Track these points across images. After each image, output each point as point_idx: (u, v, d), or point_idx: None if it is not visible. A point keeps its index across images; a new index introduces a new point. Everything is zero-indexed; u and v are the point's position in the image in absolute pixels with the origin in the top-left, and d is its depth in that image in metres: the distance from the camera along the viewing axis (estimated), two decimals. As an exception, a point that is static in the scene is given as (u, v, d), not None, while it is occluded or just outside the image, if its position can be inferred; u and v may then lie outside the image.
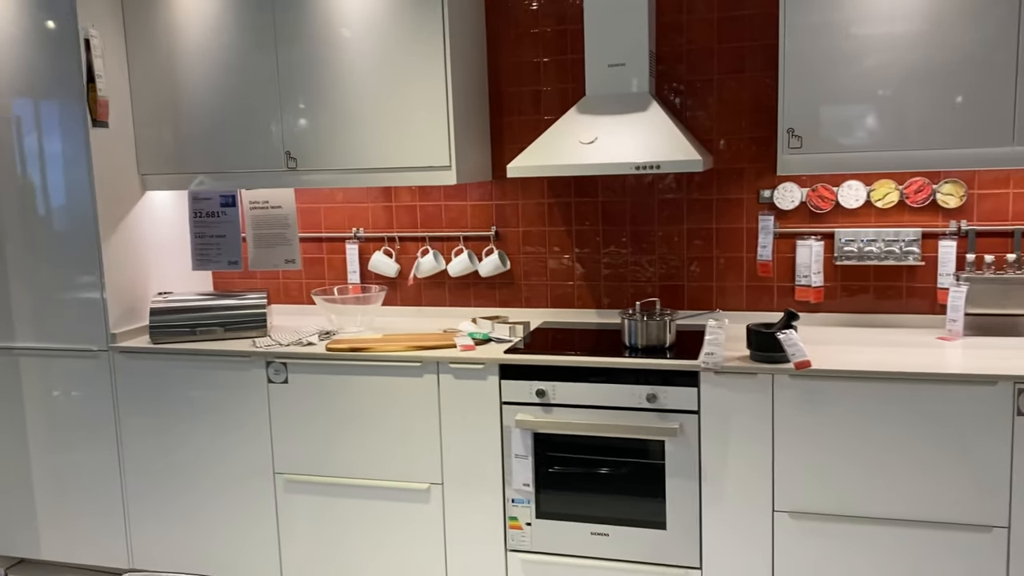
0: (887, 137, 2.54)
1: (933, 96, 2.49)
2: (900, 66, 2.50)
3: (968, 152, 2.50)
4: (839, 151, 2.59)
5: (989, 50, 2.43)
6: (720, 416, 2.55)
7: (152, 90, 3.16)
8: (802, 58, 2.58)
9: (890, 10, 2.49)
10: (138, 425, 3.13)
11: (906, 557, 2.45)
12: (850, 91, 2.55)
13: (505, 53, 3.20)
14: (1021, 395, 2.31)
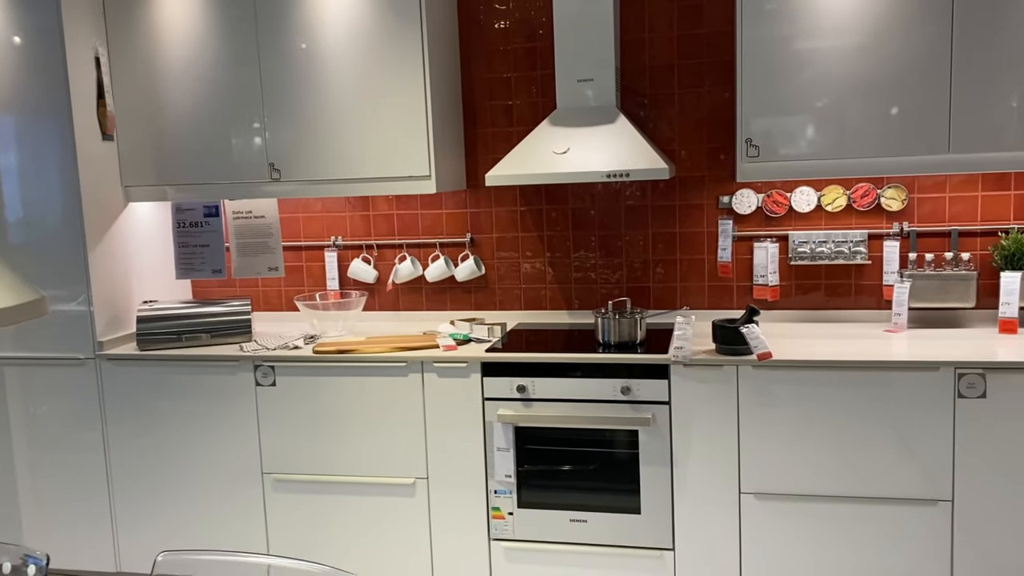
0: (835, 146, 2.77)
1: (876, 107, 2.73)
2: (845, 78, 2.74)
3: (908, 159, 2.74)
4: (792, 160, 2.81)
5: (927, 63, 2.67)
6: (689, 406, 2.74)
7: (135, 104, 3.25)
8: (758, 72, 2.80)
9: (837, 24, 2.72)
10: (125, 431, 3.20)
11: (862, 531, 2.66)
12: (802, 103, 2.78)
13: (478, 69, 3.37)
14: (961, 379, 2.55)
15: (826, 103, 2.76)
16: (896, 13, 2.67)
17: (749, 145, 2.83)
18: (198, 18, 3.16)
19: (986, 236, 3.03)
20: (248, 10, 3.11)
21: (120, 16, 3.22)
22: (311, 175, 3.17)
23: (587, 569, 2.89)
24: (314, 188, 3.18)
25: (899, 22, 2.67)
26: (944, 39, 2.65)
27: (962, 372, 2.54)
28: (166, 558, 1.69)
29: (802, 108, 2.78)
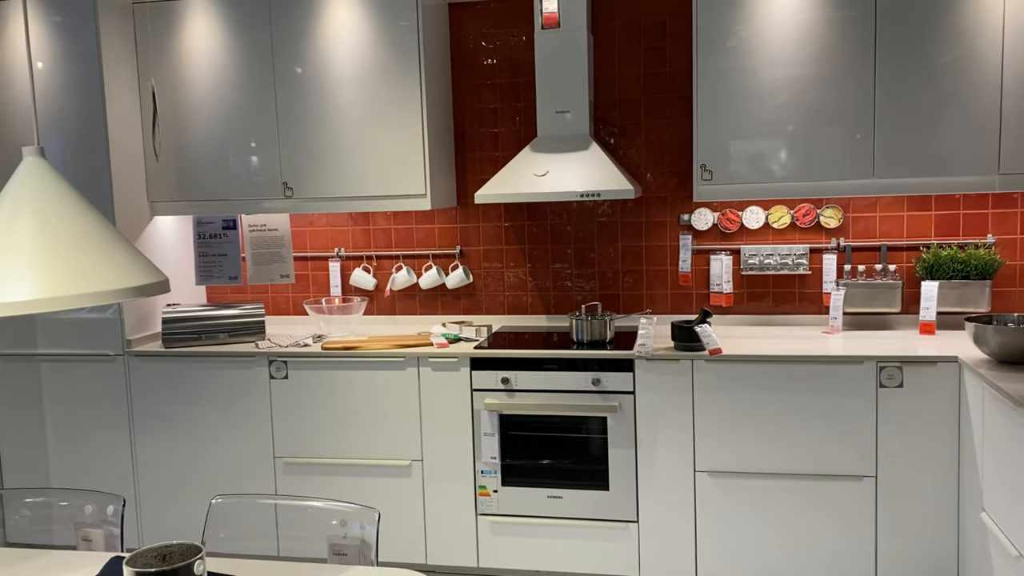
0: (778, 171, 3.22)
1: (813, 137, 3.18)
2: (787, 113, 3.19)
3: (841, 183, 3.19)
4: (741, 183, 3.26)
5: (855, 100, 3.13)
6: (651, 395, 3.16)
7: (161, 127, 3.65)
8: (711, 105, 3.24)
9: (780, 65, 3.17)
10: (150, 421, 3.57)
11: (799, 503, 3.09)
12: (749, 134, 3.22)
13: (468, 100, 3.80)
14: (882, 371, 2.98)
15: (770, 134, 3.21)
16: (829, 55, 3.13)
17: (704, 170, 3.27)
18: (219, 47, 3.57)
19: (910, 250, 3.48)
20: (265, 41, 3.53)
21: (149, 45, 3.62)
22: (320, 193, 3.58)
23: (562, 540, 3.29)
24: (323, 204, 3.58)
25: (831, 63, 3.13)
26: (868, 79, 3.11)
27: (883, 365, 2.98)
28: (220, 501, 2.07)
29: (749, 137, 3.22)
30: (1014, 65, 3.00)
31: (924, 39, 3.05)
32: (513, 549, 3.34)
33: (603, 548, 3.26)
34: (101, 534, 2.06)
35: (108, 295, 1.33)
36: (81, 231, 1.35)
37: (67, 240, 1.33)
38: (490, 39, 3.76)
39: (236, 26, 3.54)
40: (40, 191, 1.35)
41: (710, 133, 3.26)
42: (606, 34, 3.65)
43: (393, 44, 3.43)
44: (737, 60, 3.20)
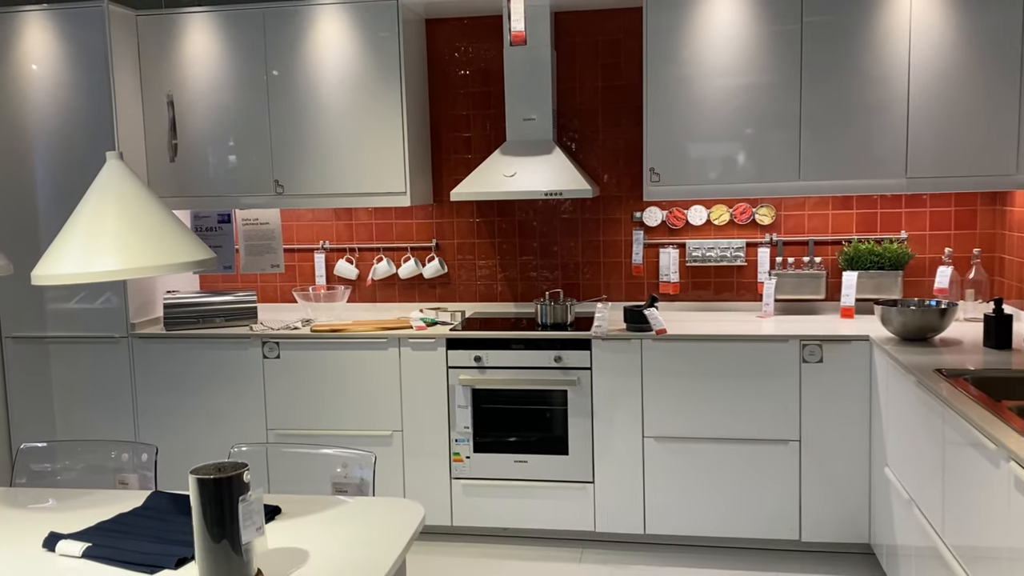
0: (717, 174, 3.66)
1: (747, 144, 3.62)
2: (723, 123, 3.63)
3: (772, 185, 3.64)
4: (684, 184, 3.69)
5: (783, 109, 3.58)
6: (606, 370, 3.58)
7: (162, 128, 4.00)
8: (658, 115, 3.67)
9: (719, 78, 3.61)
10: (152, 399, 3.92)
11: (734, 464, 3.53)
12: (692, 140, 3.66)
13: (443, 107, 4.20)
14: (804, 348, 3.44)
15: (711, 140, 3.65)
16: (762, 68, 3.57)
17: (652, 172, 3.71)
18: (216, 56, 3.93)
19: (834, 244, 3.95)
20: (259, 50, 3.89)
21: (152, 54, 3.97)
22: (308, 190, 3.95)
23: (528, 499, 3.70)
24: (311, 200, 3.96)
25: (765, 75, 3.58)
26: (796, 90, 3.56)
27: (805, 343, 3.44)
28: (239, 450, 2.45)
29: (692, 144, 3.66)
30: (919, 81, 3.47)
31: (843, 54, 3.51)
32: (484, 509, 3.74)
33: (563, 506, 3.68)
34: (136, 478, 2.43)
35: (175, 267, 1.71)
36: (152, 218, 1.73)
37: (142, 224, 1.71)
38: (464, 52, 4.16)
39: (232, 37, 3.90)
40: (120, 186, 1.73)
41: (658, 140, 3.69)
42: (568, 50, 4.07)
43: (376, 55, 3.82)
44: (682, 73, 3.64)
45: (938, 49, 3.45)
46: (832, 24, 3.50)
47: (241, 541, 1.67)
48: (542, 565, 3.56)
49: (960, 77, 3.44)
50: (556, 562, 3.59)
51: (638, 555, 3.62)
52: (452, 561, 3.63)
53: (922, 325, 3.19)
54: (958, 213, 3.85)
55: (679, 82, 3.65)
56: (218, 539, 1.66)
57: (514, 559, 3.62)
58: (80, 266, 1.66)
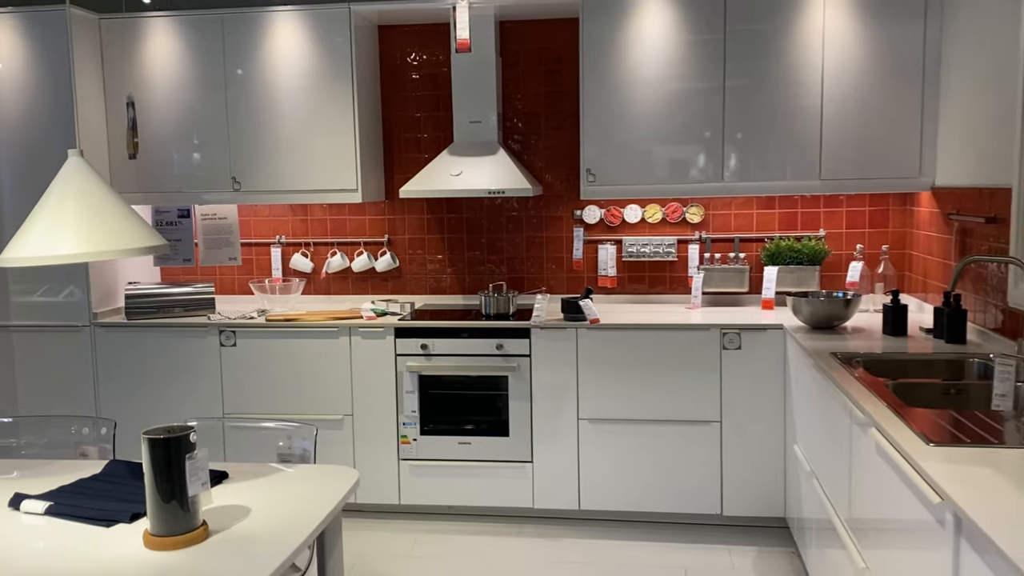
0: (648, 175, 3.93)
1: (675, 147, 3.89)
2: (652, 127, 3.89)
3: (698, 186, 3.91)
4: (618, 184, 3.95)
5: (708, 114, 3.85)
6: (544, 357, 3.83)
7: (124, 124, 4.18)
8: (593, 119, 3.93)
9: (648, 85, 3.88)
10: (112, 385, 4.10)
11: (661, 443, 3.80)
12: (625, 143, 3.92)
13: (395, 109, 4.43)
14: (725, 336, 3.71)
15: (642, 143, 3.91)
16: (689, 75, 3.85)
17: (588, 173, 3.97)
18: (176, 57, 4.12)
19: (758, 241, 4.24)
20: (217, 52, 4.09)
21: (113, 51, 4.16)
22: (265, 186, 4.16)
23: (471, 478, 3.94)
24: (267, 196, 4.17)
25: (691, 82, 3.85)
26: (719, 96, 3.84)
27: (725, 331, 3.71)
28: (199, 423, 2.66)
29: (624, 146, 3.92)
30: (831, 89, 3.76)
31: (763, 62, 3.80)
32: (429, 488, 3.98)
33: (504, 484, 3.92)
34: (96, 450, 2.64)
35: (129, 252, 1.93)
36: (109, 208, 1.94)
37: (99, 214, 1.92)
38: (414, 57, 4.39)
39: (192, 40, 4.10)
40: (80, 181, 1.94)
41: (593, 142, 3.95)
42: (512, 57, 4.32)
43: (329, 58, 4.03)
44: (615, 79, 3.90)
45: (848, 60, 3.74)
46: (752, 33, 3.78)
47: (188, 495, 1.89)
48: (483, 539, 3.80)
49: (868, 86, 3.74)
50: (497, 536, 3.83)
51: (572, 529, 3.88)
52: (399, 537, 3.86)
53: (828, 314, 3.48)
54: (872, 213, 4.16)
55: (613, 88, 3.91)
56: (166, 493, 1.88)
57: (457, 534, 3.86)
58: (43, 250, 1.88)
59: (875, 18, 3.71)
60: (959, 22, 3.47)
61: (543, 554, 3.65)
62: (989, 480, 1.72)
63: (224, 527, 1.98)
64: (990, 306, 3.13)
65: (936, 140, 3.72)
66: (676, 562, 3.54)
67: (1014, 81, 2.92)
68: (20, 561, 1.84)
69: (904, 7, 3.69)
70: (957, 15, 3.49)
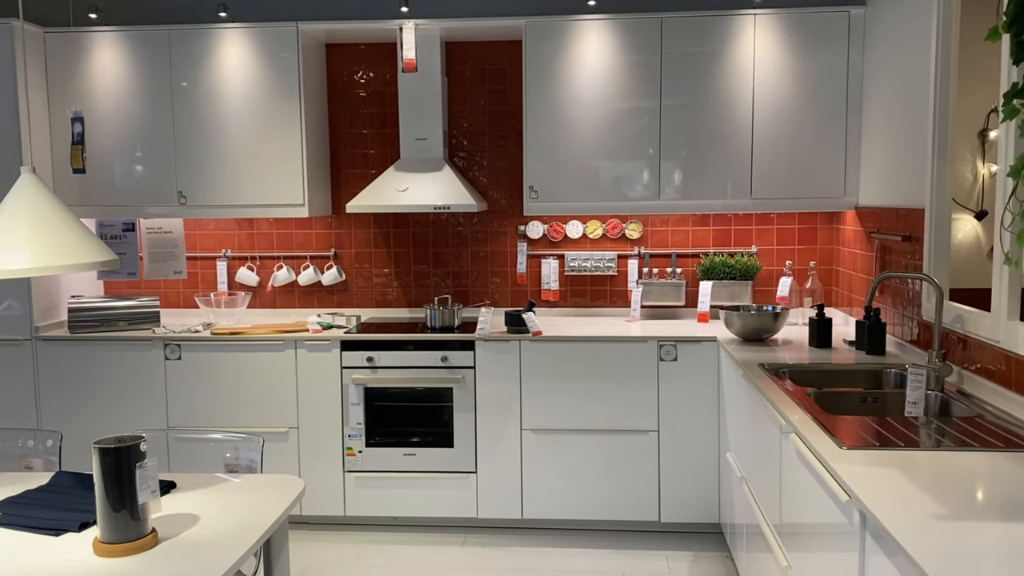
0: (589, 192, 4.07)
1: (614, 166, 4.04)
2: (592, 147, 4.04)
3: (636, 203, 4.06)
4: (561, 200, 4.09)
5: (644, 134, 4.01)
6: (488, 369, 3.93)
7: (66, 137, 4.18)
8: (535, 138, 4.06)
9: (586, 108, 4.03)
10: (55, 399, 4.08)
11: (601, 452, 3.92)
12: (564, 162, 4.06)
13: (342, 125, 4.50)
14: (662, 348, 3.86)
15: (582, 161, 4.05)
16: (627, 96, 4.00)
17: (531, 190, 4.09)
18: (122, 71, 4.13)
19: (693, 257, 4.41)
20: (164, 67, 4.12)
21: (59, 64, 4.15)
22: (211, 201, 4.19)
23: (416, 489, 4.01)
24: (213, 211, 4.20)
25: (630, 103, 4.01)
26: (656, 117, 4.00)
27: (662, 343, 3.86)
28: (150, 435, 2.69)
29: (565, 164, 4.06)
30: (761, 113, 3.96)
31: (697, 84, 3.97)
32: (374, 499, 4.04)
33: (449, 495, 4.00)
34: (41, 463, 2.65)
35: (80, 267, 1.98)
36: (61, 223, 1.99)
37: (51, 228, 1.97)
38: (361, 75, 4.47)
39: (138, 55, 4.12)
40: (33, 197, 1.98)
41: (536, 160, 4.08)
42: (458, 76, 4.43)
43: (277, 74, 4.09)
44: (557, 99, 4.04)
45: (777, 85, 3.94)
46: (687, 56, 3.96)
47: (138, 502, 1.94)
48: (427, 548, 3.87)
49: (796, 110, 3.94)
50: (441, 546, 3.90)
51: (516, 538, 3.97)
52: (344, 548, 3.91)
53: (758, 327, 3.65)
54: (801, 230, 4.36)
55: (555, 107, 4.05)
56: (117, 501, 1.93)
57: (402, 544, 3.93)
58: (-5, 265, 1.92)
59: (802, 45, 3.91)
60: (878, 53, 3.69)
61: (487, 563, 3.73)
62: (895, 480, 1.87)
63: (173, 534, 2.04)
64: (907, 319, 3.33)
65: (859, 162, 3.93)
66: (615, 568, 3.66)
67: (925, 110, 3.13)
68: (-32, 571, 1.87)
69: (829, 35, 3.90)
70: (876, 46, 3.72)
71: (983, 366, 2.64)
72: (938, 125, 3.03)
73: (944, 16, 2.99)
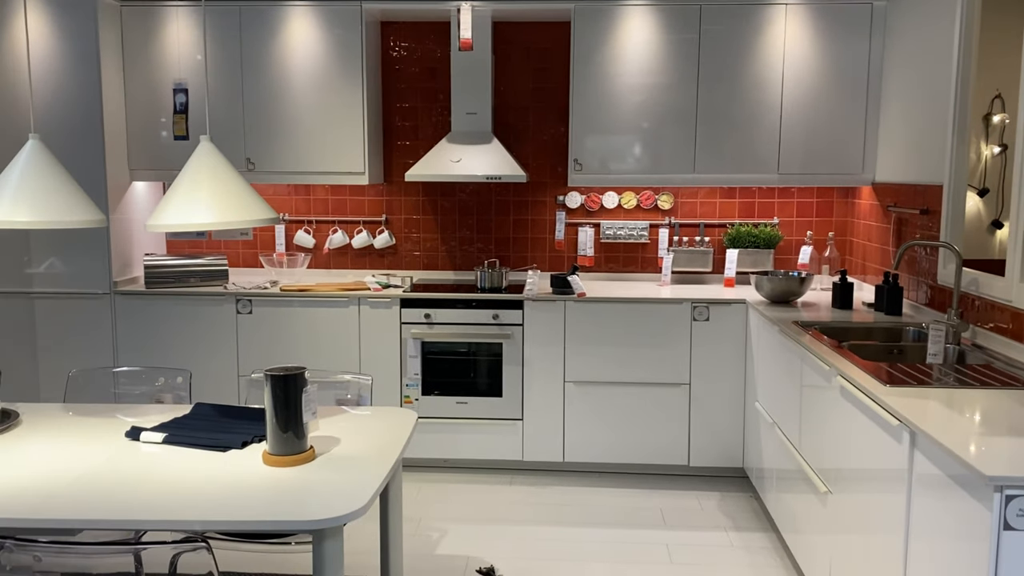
0: (627, 167, 4.43)
1: (651, 143, 4.40)
2: (632, 125, 4.40)
3: (672, 176, 4.43)
4: (602, 173, 4.45)
5: (682, 113, 4.37)
6: (535, 327, 4.31)
7: (143, 108, 4.47)
8: (581, 116, 4.41)
9: (630, 87, 4.38)
10: (132, 351, 4.40)
11: (637, 404, 4.32)
12: (607, 139, 4.41)
13: (395, 99, 4.81)
14: (695, 309, 4.25)
15: (621, 140, 4.41)
16: (669, 72, 4.36)
17: (576, 163, 4.45)
18: (195, 47, 4.42)
19: (720, 227, 4.80)
20: (235, 45, 4.41)
21: (134, 43, 4.43)
22: (278, 168, 4.50)
23: (467, 435, 4.40)
24: (279, 176, 4.51)
25: (670, 79, 4.37)
26: (693, 92, 4.36)
27: (695, 305, 4.25)
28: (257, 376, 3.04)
29: (609, 139, 4.42)
30: (790, 93, 4.33)
31: (730, 67, 4.34)
32: (430, 443, 4.42)
33: (497, 439, 4.39)
34: (171, 397, 2.99)
35: (250, 222, 2.32)
36: (235, 185, 2.33)
37: (228, 190, 2.31)
38: (412, 51, 4.78)
39: (210, 28, 4.41)
40: (211, 163, 2.32)
41: (581, 135, 4.43)
42: (504, 55, 4.76)
43: (340, 49, 4.40)
44: (601, 79, 4.38)
45: (805, 68, 4.31)
46: (723, 41, 4.31)
47: (303, 421, 2.30)
48: (479, 487, 4.27)
49: (821, 91, 4.32)
50: (491, 485, 4.30)
51: (558, 478, 4.38)
52: (405, 485, 4.29)
53: (786, 290, 4.05)
54: (819, 204, 4.76)
55: (599, 86, 4.39)
56: (283, 421, 2.29)
57: (456, 483, 4.32)
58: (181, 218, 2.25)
59: (828, 33, 4.28)
60: (899, 41, 4.07)
61: (533, 499, 4.13)
62: (932, 409, 2.28)
63: (325, 451, 2.40)
64: (921, 284, 3.74)
65: (877, 141, 4.33)
66: (650, 504, 4.08)
67: (946, 94, 3.52)
68: (160, 481, 2.22)
69: (853, 25, 4.27)
70: (898, 34, 4.09)
71: (996, 324, 3.05)
72: (958, 109, 3.42)
73: (968, 10, 3.37)
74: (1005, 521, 1.76)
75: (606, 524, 3.85)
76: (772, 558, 3.53)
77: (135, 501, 2.06)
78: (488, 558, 3.52)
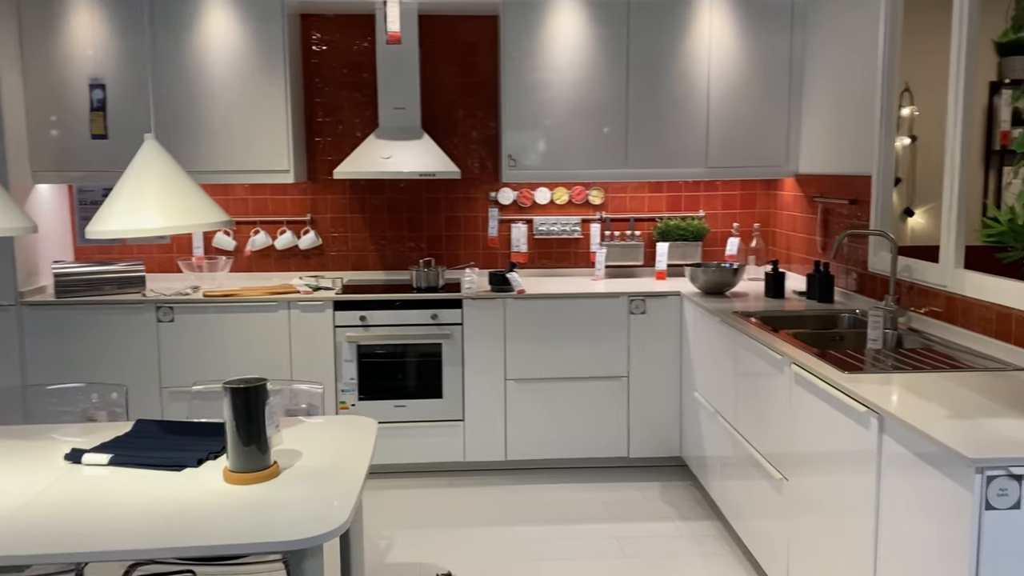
0: (558, 161, 4.42)
1: (584, 137, 4.40)
2: (564, 121, 4.39)
3: (603, 171, 4.44)
4: (535, 169, 4.42)
5: (613, 106, 4.39)
6: (475, 325, 4.25)
7: (44, 103, 4.16)
8: (512, 109, 4.37)
9: (562, 81, 4.36)
10: (42, 364, 4.10)
11: (577, 398, 4.32)
12: (539, 134, 4.39)
13: (317, 94, 4.65)
14: (631, 303, 4.28)
15: (554, 136, 4.39)
16: (597, 69, 4.37)
17: (509, 158, 4.40)
18: (101, 37, 4.15)
19: (650, 221, 4.85)
20: (146, 35, 4.16)
21: (35, 37, 4.12)
22: (195, 167, 4.28)
23: (407, 438, 4.30)
24: (199, 177, 4.29)
25: (599, 75, 4.37)
26: (623, 88, 4.38)
27: (632, 298, 4.28)
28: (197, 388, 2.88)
29: (539, 136, 4.39)
30: (716, 88, 4.41)
31: (658, 62, 4.38)
32: (367, 449, 4.29)
33: (438, 441, 4.31)
34: (105, 415, 2.79)
35: (202, 226, 2.18)
36: (185, 187, 2.18)
37: (176, 192, 2.16)
38: (334, 44, 4.63)
39: (120, 19, 4.14)
40: (158, 162, 2.16)
41: (513, 130, 4.38)
42: (430, 49, 4.66)
43: (260, 41, 4.21)
44: (531, 74, 4.35)
45: (730, 62, 4.39)
46: (651, 35, 4.35)
47: (266, 435, 2.18)
48: (422, 491, 4.18)
49: (745, 87, 4.41)
50: (431, 488, 4.22)
51: (500, 477, 4.34)
52: (342, 494, 4.15)
53: (720, 282, 4.13)
54: (743, 196, 4.87)
55: (529, 81, 4.36)
56: (246, 435, 2.16)
57: (398, 488, 4.22)
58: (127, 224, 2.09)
59: (751, 28, 4.38)
60: (820, 33, 4.20)
61: (477, 500, 4.08)
62: (895, 393, 2.34)
63: (288, 465, 2.28)
64: (851, 272, 3.87)
65: (800, 134, 4.45)
66: (594, 498, 4.08)
67: (871, 87, 3.65)
68: (111, 505, 2.05)
69: (774, 20, 4.38)
70: (818, 28, 4.22)
71: (930, 308, 3.18)
72: (885, 101, 3.55)
73: (892, 4, 3.49)
74: (986, 501, 1.82)
75: (553, 520, 3.84)
76: (721, 546, 3.59)
77: (87, 530, 1.90)
78: (441, 563, 3.45)
